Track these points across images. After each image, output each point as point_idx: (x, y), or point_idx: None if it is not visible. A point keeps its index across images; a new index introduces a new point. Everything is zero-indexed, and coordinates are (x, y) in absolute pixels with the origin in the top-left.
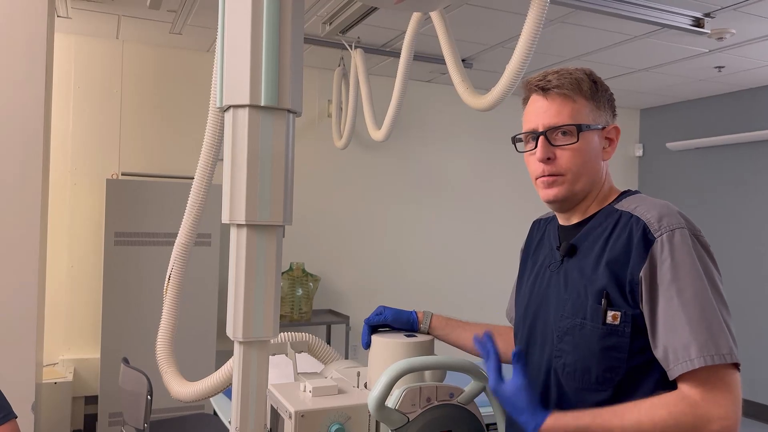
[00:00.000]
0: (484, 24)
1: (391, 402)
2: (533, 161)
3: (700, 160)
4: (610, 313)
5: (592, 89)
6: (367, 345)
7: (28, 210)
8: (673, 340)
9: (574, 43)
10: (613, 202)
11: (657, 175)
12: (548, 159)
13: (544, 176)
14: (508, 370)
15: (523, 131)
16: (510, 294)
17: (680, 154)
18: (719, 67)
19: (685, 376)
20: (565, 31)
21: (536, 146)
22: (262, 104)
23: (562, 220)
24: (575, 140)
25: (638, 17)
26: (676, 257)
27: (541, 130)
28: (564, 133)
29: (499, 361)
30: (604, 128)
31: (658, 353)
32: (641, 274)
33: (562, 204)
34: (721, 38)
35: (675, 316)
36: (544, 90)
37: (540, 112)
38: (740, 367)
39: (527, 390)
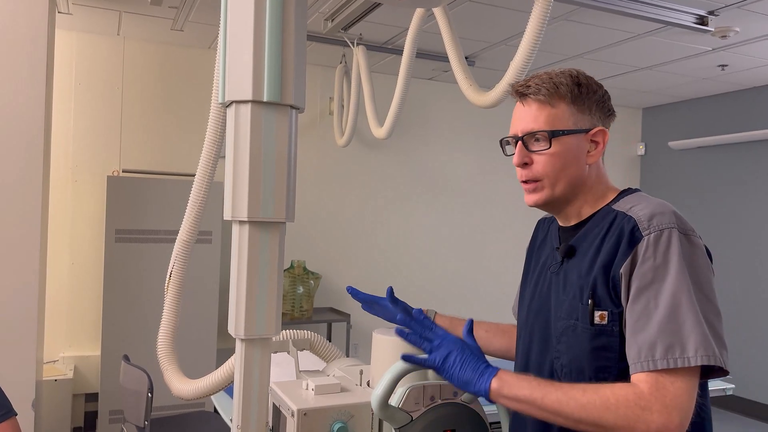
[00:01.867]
0: (486, 21)
1: (394, 400)
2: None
3: (702, 160)
4: (597, 313)
5: (574, 93)
6: (354, 293)
7: (29, 207)
8: (641, 339)
9: (577, 41)
10: (611, 202)
11: (659, 174)
12: (525, 164)
13: (524, 182)
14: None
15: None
16: (517, 290)
17: (682, 153)
18: (722, 65)
19: (644, 371)
20: (568, 28)
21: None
22: (265, 100)
23: (561, 221)
24: (548, 146)
25: (642, 15)
26: (659, 258)
27: (519, 135)
28: (538, 139)
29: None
30: (588, 131)
31: (627, 350)
32: (621, 270)
33: (546, 208)
34: (725, 36)
35: (648, 316)
36: (521, 96)
37: (520, 118)
38: (725, 369)
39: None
